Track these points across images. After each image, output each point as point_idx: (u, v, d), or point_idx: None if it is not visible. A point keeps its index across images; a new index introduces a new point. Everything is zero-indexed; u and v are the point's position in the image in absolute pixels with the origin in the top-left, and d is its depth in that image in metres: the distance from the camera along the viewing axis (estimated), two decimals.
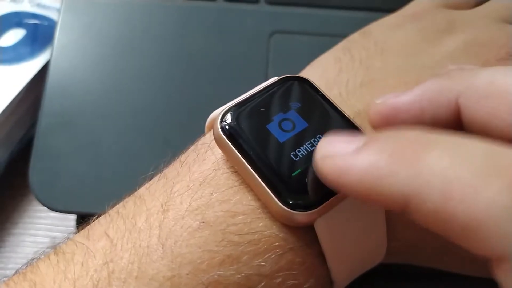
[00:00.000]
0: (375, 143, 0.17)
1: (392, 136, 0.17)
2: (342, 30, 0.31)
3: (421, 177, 0.15)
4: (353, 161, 0.16)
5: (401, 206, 0.15)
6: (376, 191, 0.16)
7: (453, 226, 0.14)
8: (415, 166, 0.15)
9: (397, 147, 0.16)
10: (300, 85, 0.22)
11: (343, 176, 0.16)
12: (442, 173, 0.14)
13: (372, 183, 0.16)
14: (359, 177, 0.16)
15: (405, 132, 0.17)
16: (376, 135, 0.17)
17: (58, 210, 0.31)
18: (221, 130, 0.21)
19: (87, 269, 0.19)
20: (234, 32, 0.36)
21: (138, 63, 0.35)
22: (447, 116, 0.19)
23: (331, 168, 0.17)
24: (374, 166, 0.16)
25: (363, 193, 0.16)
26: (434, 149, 0.15)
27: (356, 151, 0.17)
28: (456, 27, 0.27)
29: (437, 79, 0.20)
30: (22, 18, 0.39)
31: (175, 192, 0.21)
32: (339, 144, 0.17)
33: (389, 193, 0.15)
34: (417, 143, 0.16)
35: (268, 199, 0.19)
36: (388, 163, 0.16)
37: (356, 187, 0.16)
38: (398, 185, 0.15)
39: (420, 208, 0.15)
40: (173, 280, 0.19)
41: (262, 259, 0.19)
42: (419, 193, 0.15)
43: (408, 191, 0.15)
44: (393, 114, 0.20)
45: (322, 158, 0.17)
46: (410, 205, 0.15)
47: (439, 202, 0.14)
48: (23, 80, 0.36)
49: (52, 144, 0.32)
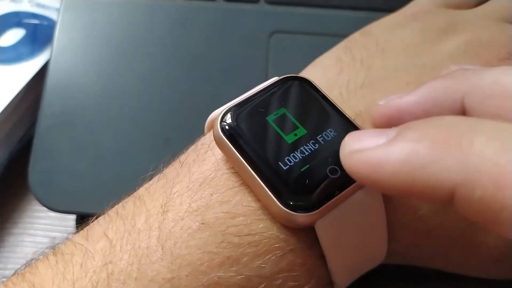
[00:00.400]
0: (411, 131, 0.16)
1: (429, 123, 0.16)
2: (343, 30, 0.31)
3: (470, 163, 0.14)
4: (388, 152, 0.15)
5: (447, 197, 0.14)
6: (419, 182, 0.15)
7: (503, 216, 0.13)
8: (462, 151, 0.14)
9: (438, 133, 0.15)
10: (301, 85, 0.22)
11: (377, 170, 0.15)
12: (493, 158, 0.14)
13: (413, 173, 0.15)
14: (397, 168, 0.15)
15: (443, 118, 0.16)
16: (409, 123, 0.16)
17: (57, 210, 0.31)
18: (221, 131, 0.20)
19: (86, 270, 0.19)
20: (234, 32, 0.36)
21: (138, 63, 0.35)
22: None
23: (362, 163, 0.16)
24: (414, 154, 0.15)
25: (403, 186, 0.15)
26: (479, 134, 0.14)
27: (389, 142, 0.16)
28: (457, 27, 0.27)
29: (441, 79, 0.20)
30: (22, 18, 0.39)
31: (174, 193, 0.21)
32: (368, 138, 0.17)
33: (435, 182, 0.14)
34: (460, 128, 0.15)
35: (268, 200, 0.19)
36: (431, 150, 0.15)
37: (394, 181, 0.15)
38: (445, 172, 0.14)
39: (468, 196, 0.14)
40: (172, 282, 0.19)
41: (263, 261, 0.19)
42: (469, 181, 0.14)
43: (457, 179, 0.14)
44: (397, 115, 0.20)
45: (350, 153, 0.17)
46: (457, 194, 0.14)
47: (491, 191, 0.13)
48: (23, 80, 0.36)
49: (51, 144, 0.32)
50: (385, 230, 0.21)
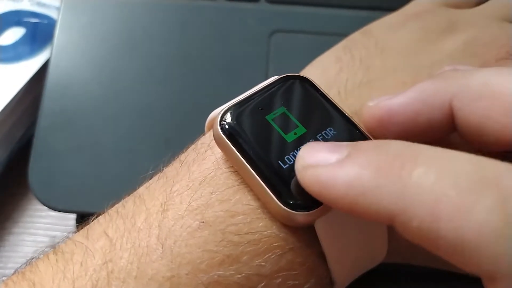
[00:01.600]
0: (359, 155, 0.16)
1: (376, 148, 0.16)
2: (343, 29, 0.31)
3: (407, 194, 0.14)
4: (337, 173, 0.16)
5: (387, 222, 0.15)
6: (361, 205, 0.15)
7: (441, 244, 0.14)
8: (401, 181, 0.15)
9: (382, 161, 0.16)
10: (301, 84, 0.22)
11: (327, 189, 0.16)
12: (429, 190, 0.14)
13: (356, 197, 0.15)
14: (343, 190, 0.16)
15: (390, 143, 0.16)
16: (360, 145, 0.17)
17: (57, 209, 0.31)
18: (220, 130, 0.20)
19: (86, 269, 0.19)
20: (234, 31, 0.36)
21: (138, 62, 0.35)
22: (441, 118, 0.19)
23: (314, 180, 0.17)
24: (358, 179, 0.15)
25: (348, 207, 0.16)
26: (420, 164, 0.15)
27: (340, 162, 0.16)
28: (456, 27, 0.27)
29: (431, 80, 0.20)
30: (22, 16, 0.39)
31: (174, 192, 0.21)
32: (321, 154, 0.17)
33: (375, 208, 0.15)
34: (403, 157, 0.15)
35: (268, 199, 0.19)
36: (373, 178, 0.15)
37: (341, 201, 0.16)
38: (384, 201, 0.15)
39: (406, 225, 0.14)
40: (172, 280, 0.19)
41: (262, 259, 0.19)
42: (406, 210, 0.14)
43: (394, 208, 0.15)
44: (387, 116, 0.20)
45: (304, 168, 0.17)
46: (396, 221, 0.15)
47: (427, 221, 0.14)
48: (23, 79, 0.36)
49: (51, 143, 0.32)
50: (385, 229, 0.21)
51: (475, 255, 0.13)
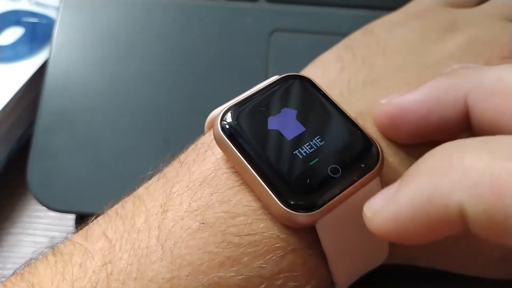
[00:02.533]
0: (408, 176, 0.16)
1: (422, 160, 0.16)
2: (343, 28, 0.31)
3: (466, 178, 0.14)
4: (397, 200, 0.16)
5: (460, 220, 0.14)
6: (432, 216, 0.15)
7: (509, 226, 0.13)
8: (456, 171, 0.15)
9: (430, 164, 0.16)
10: (301, 84, 0.22)
11: (397, 222, 0.16)
12: (487, 169, 0.14)
13: (424, 210, 0.15)
14: (411, 212, 0.15)
15: (431, 151, 0.16)
16: (405, 172, 0.17)
17: (56, 210, 0.31)
18: (221, 130, 0.20)
19: (86, 270, 0.19)
20: (234, 30, 0.36)
21: (137, 61, 0.35)
22: (455, 116, 0.19)
23: (383, 223, 0.16)
24: (417, 192, 0.15)
25: (423, 227, 0.15)
26: (467, 151, 0.15)
27: (396, 191, 0.16)
28: (458, 26, 0.27)
29: (444, 77, 0.20)
30: (21, 16, 0.39)
31: (174, 193, 0.21)
32: (379, 197, 0.17)
33: (443, 207, 0.15)
34: (448, 152, 0.15)
35: (269, 200, 0.19)
36: (429, 181, 0.15)
37: (414, 225, 0.15)
38: (447, 194, 0.15)
39: (476, 213, 0.14)
40: (172, 282, 0.19)
41: (263, 261, 0.19)
42: (471, 195, 0.14)
43: (459, 197, 0.14)
44: (400, 114, 0.20)
45: (371, 220, 0.17)
46: (467, 214, 0.14)
47: (493, 201, 0.14)
48: (22, 78, 0.35)
49: (50, 143, 0.32)
50: None
51: None
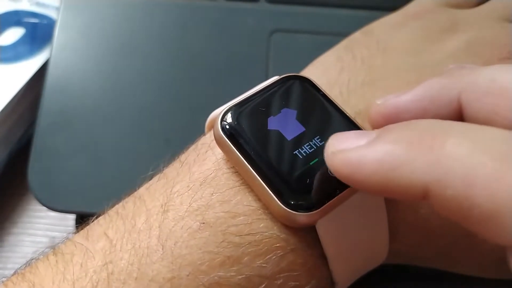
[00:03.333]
0: (389, 133, 0.16)
1: (406, 126, 0.17)
2: (343, 29, 0.30)
3: (441, 164, 0.14)
4: (367, 152, 0.16)
5: (420, 195, 0.15)
6: (394, 181, 0.15)
7: (474, 213, 0.14)
8: (435, 152, 0.15)
9: (413, 135, 0.16)
10: (301, 84, 0.22)
11: (357, 169, 0.16)
12: (464, 159, 0.14)
13: (389, 173, 0.15)
14: (374, 168, 0.16)
15: (419, 121, 0.17)
16: (389, 126, 0.17)
17: (57, 210, 0.31)
18: (221, 130, 0.20)
19: (86, 270, 0.19)
20: (234, 31, 0.36)
21: (138, 62, 0.35)
22: (448, 115, 0.19)
23: (343, 163, 0.17)
24: (390, 155, 0.15)
25: (380, 185, 0.16)
26: (452, 136, 0.15)
27: (369, 143, 0.16)
28: (458, 27, 0.27)
29: (438, 77, 0.20)
30: (21, 16, 0.39)
31: (175, 193, 0.21)
32: (350, 140, 0.17)
33: (409, 181, 0.15)
34: (434, 131, 0.15)
35: (269, 199, 0.19)
36: (406, 151, 0.15)
37: (372, 180, 0.16)
38: (418, 172, 0.15)
39: (441, 195, 0.14)
40: (173, 282, 0.19)
41: (263, 260, 0.19)
42: (440, 180, 0.14)
43: (429, 178, 0.15)
44: (395, 114, 0.20)
45: (333, 153, 0.17)
46: (430, 193, 0.15)
47: (461, 189, 0.14)
48: (22, 79, 0.35)
49: (51, 143, 0.32)
50: (387, 229, 0.21)
51: (506, 223, 0.13)
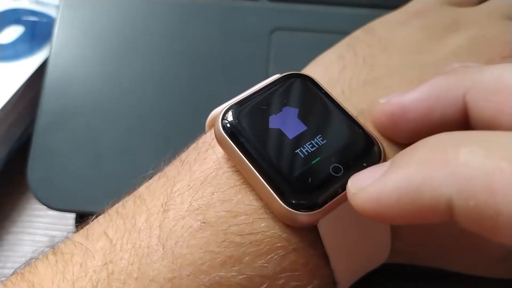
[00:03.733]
0: (401, 159, 0.16)
1: (416, 147, 0.16)
2: (345, 27, 0.30)
3: (459, 174, 0.14)
4: (384, 183, 0.16)
5: (446, 211, 0.15)
6: (417, 203, 0.15)
7: (499, 222, 0.13)
8: (451, 164, 0.15)
9: (425, 153, 0.16)
10: (303, 82, 0.22)
11: (379, 203, 0.16)
12: (481, 166, 0.14)
13: (410, 197, 0.15)
14: (395, 196, 0.16)
15: (428, 139, 0.16)
16: (399, 153, 0.17)
17: (56, 209, 0.31)
18: (222, 129, 0.20)
19: (86, 270, 0.19)
20: (235, 29, 0.36)
21: (138, 60, 0.35)
22: (454, 114, 0.19)
23: (365, 200, 0.16)
24: (407, 179, 0.15)
25: (405, 212, 0.15)
26: (464, 145, 0.15)
27: (385, 173, 0.16)
28: (460, 25, 0.27)
29: (444, 76, 0.20)
30: (21, 15, 0.39)
31: (175, 192, 0.21)
32: (366, 175, 0.17)
33: (432, 199, 0.15)
34: (445, 144, 0.15)
35: (270, 199, 0.19)
36: (421, 171, 0.15)
37: (397, 209, 0.16)
38: (438, 187, 0.15)
39: (464, 207, 0.14)
40: (173, 282, 0.19)
41: (265, 260, 0.19)
42: (462, 191, 0.14)
43: (450, 191, 0.14)
44: (400, 113, 0.20)
45: (354, 195, 0.17)
46: (454, 207, 0.14)
47: (483, 197, 0.14)
48: (22, 77, 0.35)
49: (51, 142, 0.32)
50: (388, 229, 0.21)
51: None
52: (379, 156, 0.20)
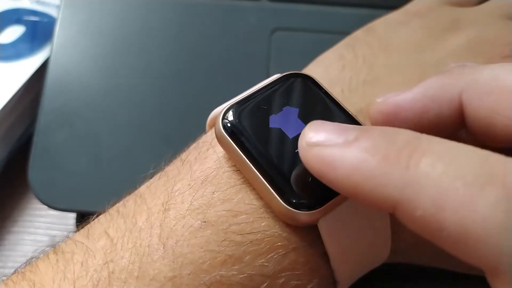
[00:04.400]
0: (367, 139, 0.16)
1: (384, 134, 0.16)
2: (345, 27, 0.30)
3: (413, 183, 0.14)
4: (343, 154, 0.16)
5: (389, 209, 0.15)
6: (365, 190, 0.15)
7: (444, 235, 0.14)
8: (408, 171, 0.15)
9: (389, 149, 0.15)
10: (303, 82, 0.22)
11: (331, 169, 0.16)
12: (436, 181, 0.14)
13: (361, 181, 0.15)
14: (348, 173, 0.16)
15: (398, 132, 0.16)
16: (368, 129, 0.17)
17: (57, 208, 0.31)
18: (222, 128, 0.20)
19: (87, 269, 0.19)
20: (235, 29, 0.36)
21: (139, 60, 0.35)
22: (450, 114, 0.19)
23: (318, 159, 0.16)
24: (365, 164, 0.15)
25: (350, 190, 0.16)
26: (428, 155, 0.15)
27: (347, 144, 0.16)
28: (460, 25, 0.27)
29: (439, 76, 0.20)
30: (22, 14, 0.39)
31: (176, 191, 0.21)
32: (327, 133, 0.17)
33: (380, 194, 0.15)
34: (411, 147, 0.15)
35: (270, 198, 0.19)
36: (380, 164, 0.15)
37: (344, 183, 0.16)
38: (390, 188, 0.15)
39: (409, 214, 0.14)
40: (174, 281, 0.19)
41: (265, 259, 0.19)
42: (411, 200, 0.14)
43: (399, 196, 0.15)
44: (395, 112, 0.20)
45: (308, 146, 0.17)
46: (399, 209, 0.15)
47: (431, 211, 0.14)
48: (23, 77, 0.35)
49: (51, 141, 0.32)
50: (389, 228, 0.21)
51: (478, 247, 0.13)
52: None
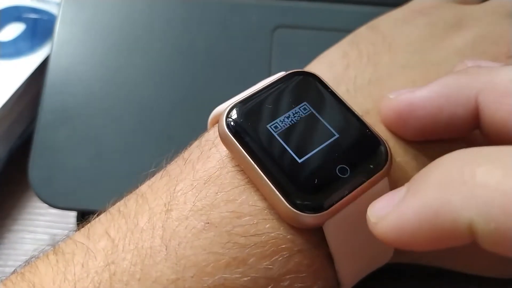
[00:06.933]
0: (417, 184, 0.16)
1: (430, 169, 0.16)
2: (347, 25, 0.30)
3: (477, 196, 0.14)
4: (403, 211, 0.16)
5: (468, 235, 0.14)
6: (438, 229, 0.15)
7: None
8: (467, 185, 0.14)
9: (440, 176, 0.15)
10: (308, 80, 0.22)
11: (401, 231, 0.16)
12: (498, 187, 0.13)
13: (431, 223, 0.15)
14: (416, 224, 0.15)
15: (440, 160, 0.16)
16: (414, 177, 0.17)
17: (58, 207, 0.31)
18: (226, 127, 0.20)
19: (88, 271, 0.19)
20: (237, 26, 0.36)
21: (140, 58, 0.35)
22: (465, 114, 0.19)
23: (387, 230, 0.16)
24: (425, 204, 0.15)
25: (428, 238, 0.15)
26: (480, 164, 0.14)
27: (402, 200, 0.16)
28: (464, 23, 0.27)
29: (455, 75, 0.20)
30: (22, 12, 0.39)
31: (178, 191, 0.20)
32: (384, 203, 0.17)
33: (452, 222, 0.14)
34: (459, 164, 0.15)
35: (275, 199, 0.19)
36: (438, 194, 0.15)
37: (419, 236, 0.15)
38: (457, 210, 0.14)
39: (486, 230, 0.14)
40: (177, 283, 0.18)
41: (269, 262, 0.19)
42: (481, 214, 0.14)
43: (469, 214, 0.14)
44: (408, 110, 0.20)
45: (375, 224, 0.17)
46: (476, 230, 0.14)
47: (503, 219, 0.13)
48: (23, 75, 0.35)
49: (52, 139, 0.32)
50: None
51: None
52: (385, 157, 0.20)
